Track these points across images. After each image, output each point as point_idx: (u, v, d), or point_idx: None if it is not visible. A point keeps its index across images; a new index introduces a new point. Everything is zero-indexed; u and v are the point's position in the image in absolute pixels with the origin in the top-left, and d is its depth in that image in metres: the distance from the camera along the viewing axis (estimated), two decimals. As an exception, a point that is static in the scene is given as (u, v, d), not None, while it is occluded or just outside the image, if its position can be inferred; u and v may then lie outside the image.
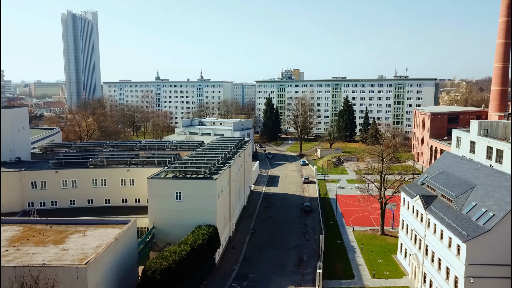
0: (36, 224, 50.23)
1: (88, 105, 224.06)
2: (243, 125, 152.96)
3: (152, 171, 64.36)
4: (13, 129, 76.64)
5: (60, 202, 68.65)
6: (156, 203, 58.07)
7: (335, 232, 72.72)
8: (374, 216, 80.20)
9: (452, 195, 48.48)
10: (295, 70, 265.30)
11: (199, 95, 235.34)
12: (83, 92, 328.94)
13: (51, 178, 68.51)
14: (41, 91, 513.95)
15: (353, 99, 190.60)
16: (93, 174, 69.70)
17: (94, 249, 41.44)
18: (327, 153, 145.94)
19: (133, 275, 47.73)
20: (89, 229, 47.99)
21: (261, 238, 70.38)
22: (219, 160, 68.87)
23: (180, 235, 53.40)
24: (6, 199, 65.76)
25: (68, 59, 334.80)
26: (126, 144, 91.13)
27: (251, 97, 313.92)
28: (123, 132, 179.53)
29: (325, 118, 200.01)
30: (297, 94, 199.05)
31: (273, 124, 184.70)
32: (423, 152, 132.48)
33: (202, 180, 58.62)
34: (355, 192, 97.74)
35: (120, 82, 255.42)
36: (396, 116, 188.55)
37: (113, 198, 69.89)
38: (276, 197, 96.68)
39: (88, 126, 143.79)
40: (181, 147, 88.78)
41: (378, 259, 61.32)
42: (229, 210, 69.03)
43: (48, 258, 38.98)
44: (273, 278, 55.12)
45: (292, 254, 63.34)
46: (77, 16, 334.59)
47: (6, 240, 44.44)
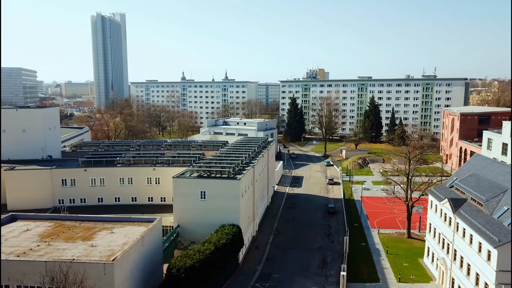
0: (66, 221, 51.84)
1: (116, 105, 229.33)
2: (267, 125, 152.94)
3: (178, 170, 65.24)
4: (45, 128, 79.22)
5: (88, 199, 70.57)
6: (181, 202, 58.84)
7: (359, 234, 71.73)
8: (400, 218, 78.62)
9: (482, 199, 46.97)
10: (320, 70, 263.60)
11: (223, 95, 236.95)
12: (111, 92, 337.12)
13: (80, 176, 70.49)
14: (72, 91, 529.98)
15: (379, 99, 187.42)
16: (120, 172, 71.27)
17: (120, 246, 42.37)
18: (352, 154, 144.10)
19: (158, 273, 48.51)
20: (116, 227, 49.13)
21: (285, 238, 70.19)
22: (243, 160, 69.13)
23: (204, 234, 53.93)
24: (38, 195, 68.17)
25: (97, 60, 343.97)
26: (152, 144, 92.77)
27: (275, 97, 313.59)
28: (149, 131, 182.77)
29: (351, 118, 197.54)
30: (322, 94, 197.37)
31: (297, 124, 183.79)
32: (452, 154, 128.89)
33: (226, 180, 58.99)
34: (380, 194, 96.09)
35: (147, 82, 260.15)
36: (423, 116, 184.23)
37: (139, 196, 71.28)
38: (299, 198, 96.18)
39: (116, 126, 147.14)
40: (205, 146, 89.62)
41: (404, 262, 60.09)
42: (253, 210, 69.19)
43: (77, 254, 40.13)
44: (297, 279, 54.87)
45: (316, 256, 62.87)
46: (106, 18, 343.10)
47: (38, 236, 46.06)
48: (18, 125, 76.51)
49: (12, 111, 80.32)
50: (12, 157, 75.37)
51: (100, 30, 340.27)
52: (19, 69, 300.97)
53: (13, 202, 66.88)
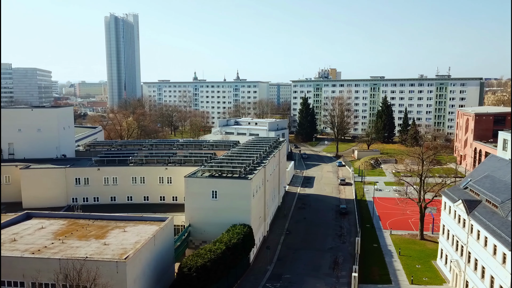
0: (80, 219, 52.51)
1: (128, 104, 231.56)
2: (278, 125, 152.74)
3: (189, 169, 65.56)
4: (59, 128, 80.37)
5: (101, 198, 71.35)
6: (193, 201, 59.12)
7: (371, 235, 71.15)
8: (413, 220, 77.78)
9: (497, 201, 46.17)
10: (332, 70, 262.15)
11: (235, 95, 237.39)
12: (124, 92, 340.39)
13: (93, 175, 71.32)
14: (85, 91, 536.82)
15: (392, 99, 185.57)
16: (133, 172, 71.91)
17: (133, 244, 42.76)
18: (365, 154, 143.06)
19: (169, 272, 48.82)
20: (128, 225, 49.61)
21: (296, 239, 70.01)
22: (254, 160, 69.15)
23: (216, 234, 54.11)
24: (52, 194, 69.18)
25: (110, 60, 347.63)
26: (164, 143, 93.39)
27: (287, 97, 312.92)
28: (162, 131, 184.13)
29: (363, 118, 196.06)
30: (334, 94, 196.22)
31: (308, 124, 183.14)
32: (466, 154, 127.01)
33: (237, 180, 59.09)
34: (393, 195, 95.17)
35: (159, 82, 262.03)
36: (437, 117, 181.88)
37: (151, 196, 71.82)
38: (311, 198, 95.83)
39: (129, 125, 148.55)
40: (217, 146, 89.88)
41: (416, 264, 59.43)
42: (264, 210, 69.17)
43: (90, 252, 40.63)
44: (308, 279, 54.69)
45: (327, 256, 62.57)
46: (119, 19, 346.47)
47: (52, 233, 46.76)
48: (33, 125, 77.75)
49: (28, 110, 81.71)
50: (28, 156, 76.66)
51: (113, 30, 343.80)
52: (34, 69, 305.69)
53: (28, 200, 68.00)
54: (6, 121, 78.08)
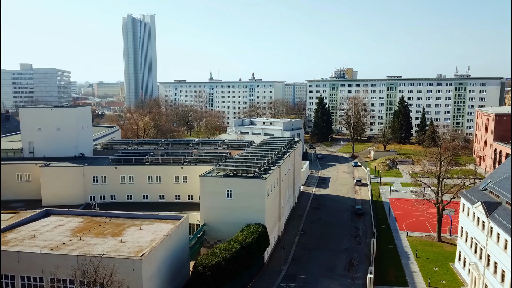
0: (97, 217, 53.28)
1: (145, 104, 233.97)
2: (293, 125, 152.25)
3: (205, 169, 65.90)
4: (77, 127, 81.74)
5: (118, 196, 72.28)
6: (208, 200, 59.41)
7: (387, 236, 70.32)
8: (430, 221, 76.56)
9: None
10: (348, 69, 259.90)
11: (250, 95, 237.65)
12: (140, 92, 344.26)
13: (110, 173, 72.31)
14: (103, 91, 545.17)
15: (409, 99, 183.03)
16: (149, 170, 72.66)
17: (148, 242, 43.19)
18: (381, 154, 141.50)
19: (184, 270, 49.14)
20: (144, 223, 50.12)
21: (311, 239, 69.68)
22: (268, 159, 69.08)
23: (230, 233, 54.24)
24: (71, 192, 70.45)
25: (127, 60, 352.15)
26: (180, 143, 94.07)
27: (302, 96, 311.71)
28: (178, 130, 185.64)
29: (379, 118, 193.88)
30: (350, 93, 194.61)
31: (324, 124, 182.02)
32: (486, 155, 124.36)
33: (252, 179, 59.12)
34: (409, 196, 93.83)
35: (175, 82, 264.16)
36: (456, 117, 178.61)
37: (167, 194, 72.43)
38: (326, 199, 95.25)
39: (145, 125, 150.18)
40: (232, 146, 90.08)
41: (434, 267, 58.47)
42: (278, 210, 69.05)
43: (107, 249, 41.18)
44: (322, 280, 54.37)
45: (342, 257, 62.10)
46: (137, 20, 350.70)
47: (70, 231, 47.59)
48: (53, 124, 79.25)
49: (47, 110, 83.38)
50: (47, 154, 78.23)
51: (130, 31, 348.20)
52: (53, 70, 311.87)
53: (47, 197, 69.40)
54: (27, 120, 79.93)
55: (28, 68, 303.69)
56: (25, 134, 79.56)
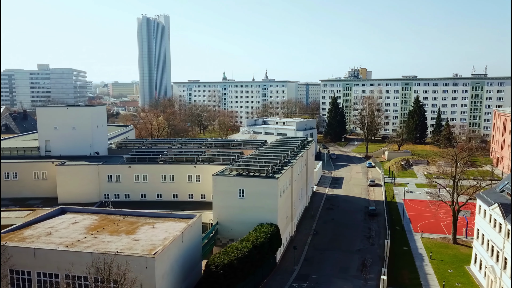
0: (111, 215, 54.00)
1: (159, 104, 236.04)
2: (307, 124, 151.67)
3: (217, 168, 66.12)
4: (93, 126, 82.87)
5: (132, 195, 73.06)
6: (220, 200, 59.59)
7: (401, 237, 69.52)
8: (445, 223, 75.43)
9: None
10: (362, 69, 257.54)
11: (263, 95, 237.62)
12: (155, 92, 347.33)
13: (125, 172, 73.12)
14: (118, 91, 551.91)
15: (424, 99, 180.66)
16: (163, 169, 73.24)
17: (161, 241, 43.55)
18: (395, 155, 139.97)
19: (197, 269, 49.40)
20: (157, 222, 50.56)
21: (323, 240, 69.32)
22: (281, 159, 68.94)
23: (242, 232, 54.31)
24: (86, 190, 71.49)
25: (142, 60, 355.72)
26: (193, 142, 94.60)
27: (316, 96, 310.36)
28: (191, 130, 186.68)
29: (394, 118, 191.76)
30: (364, 93, 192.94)
31: (338, 124, 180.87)
32: (503, 156, 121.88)
33: (264, 179, 59.08)
34: (424, 197, 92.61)
35: (189, 82, 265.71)
36: (472, 117, 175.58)
37: (180, 193, 72.91)
38: (339, 199, 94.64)
39: (159, 124, 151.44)
40: (245, 145, 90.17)
41: (449, 269, 57.58)
42: (291, 210, 68.87)
43: (121, 247, 41.67)
44: (335, 281, 54.05)
45: (355, 258, 61.62)
46: (151, 20, 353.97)
47: (85, 228, 48.30)
48: (69, 123, 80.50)
49: (63, 109, 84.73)
50: (63, 153, 79.51)
51: (145, 32, 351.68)
52: (70, 70, 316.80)
53: (63, 195, 70.57)
54: (43, 119, 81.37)
55: (45, 68, 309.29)
56: (42, 133, 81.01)
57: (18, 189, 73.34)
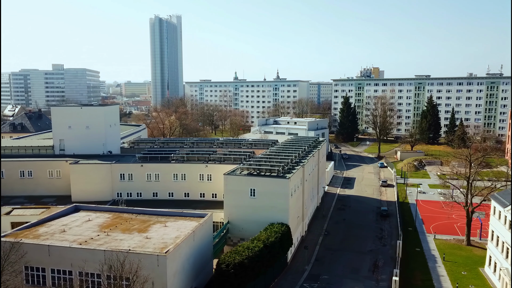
0: (124, 213, 54.57)
1: (171, 103, 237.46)
2: (318, 124, 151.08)
3: (229, 167, 66.28)
4: (106, 125, 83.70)
5: (144, 193, 73.68)
6: (232, 199, 59.74)
7: (414, 238, 68.83)
8: (459, 224, 74.45)
9: (553, 206, 43.20)
10: (374, 69, 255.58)
11: (274, 95, 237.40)
12: (167, 92, 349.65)
13: (137, 171, 73.77)
14: (130, 91, 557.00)
15: (438, 98, 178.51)
16: (174, 168, 73.69)
17: (173, 239, 43.86)
18: (408, 155, 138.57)
19: (208, 267, 49.62)
20: (169, 220, 50.94)
21: (334, 240, 69.00)
22: (292, 159, 68.82)
23: (253, 231, 54.37)
24: (99, 188, 72.31)
25: (154, 60, 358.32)
26: (205, 141, 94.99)
27: (327, 96, 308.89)
28: (203, 130, 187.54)
29: (406, 118, 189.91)
30: (377, 93, 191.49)
31: (349, 124, 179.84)
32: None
33: (275, 179, 59.04)
34: (437, 198, 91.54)
35: (201, 82, 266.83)
36: (487, 117, 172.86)
37: (191, 192, 73.30)
38: (351, 200, 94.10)
39: (171, 124, 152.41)
40: (256, 145, 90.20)
41: (462, 271, 56.82)
42: (302, 210, 68.70)
43: (133, 245, 42.09)
44: (346, 281, 53.77)
45: (367, 259, 61.21)
46: (163, 20, 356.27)
47: (98, 226, 48.90)
48: (82, 122, 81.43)
49: (77, 109, 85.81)
50: (77, 151, 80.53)
51: (157, 32, 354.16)
52: (84, 70, 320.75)
53: (76, 193, 71.49)
54: (58, 119, 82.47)
55: (60, 68, 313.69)
56: (56, 132, 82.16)
57: (33, 187, 74.58)
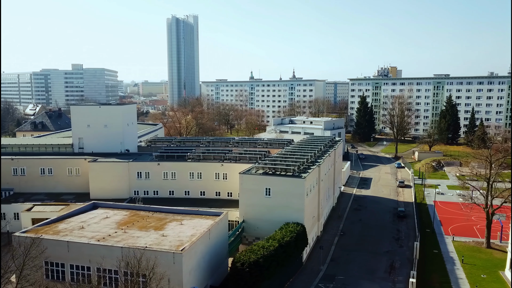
0: (140, 211, 55.29)
1: (187, 103, 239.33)
2: (334, 124, 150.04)
3: (244, 166, 66.44)
4: (123, 124, 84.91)
5: (161, 192, 74.46)
6: (247, 198, 59.86)
7: (431, 240, 67.73)
8: (479, 226, 72.94)
9: None
10: (392, 68, 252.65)
11: (290, 94, 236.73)
12: (183, 91, 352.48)
13: (154, 169, 74.61)
14: (148, 90, 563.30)
15: (457, 98, 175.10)
16: (190, 167, 74.27)
17: (189, 237, 44.21)
18: (426, 156, 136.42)
19: (223, 266, 49.87)
20: (185, 219, 51.38)
21: (350, 240, 68.44)
22: (308, 158, 68.53)
23: (269, 231, 54.36)
24: (117, 186, 73.41)
25: (171, 60, 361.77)
26: (220, 140, 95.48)
27: (344, 95, 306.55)
28: (218, 129, 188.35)
29: (425, 118, 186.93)
30: (394, 92, 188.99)
31: (366, 124, 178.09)
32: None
33: (291, 178, 58.89)
34: (456, 199, 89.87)
35: (217, 81, 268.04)
36: (509, 117, 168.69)
37: (207, 191, 73.75)
38: (367, 200, 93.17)
39: (187, 123, 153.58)
40: (271, 144, 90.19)
41: (482, 274, 55.64)
42: (318, 210, 68.38)
43: (150, 242, 42.61)
44: (362, 282, 53.27)
45: (383, 260, 60.51)
46: (180, 20, 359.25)
47: (116, 223, 49.65)
48: (101, 121, 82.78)
49: (96, 108, 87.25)
50: (95, 150, 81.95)
51: (174, 32, 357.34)
52: (102, 70, 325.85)
53: (95, 191, 72.72)
54: (77, 117, 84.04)
55: (79, 68, 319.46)
56: (76, 130, 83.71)
57: (53, 184, 76.23)
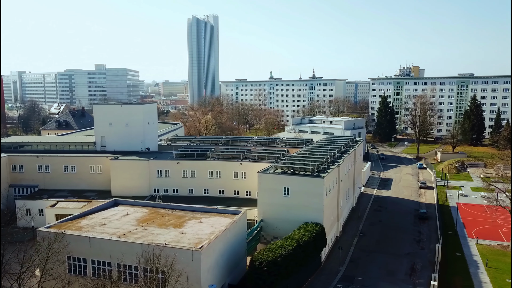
0: (160, 208, 56.03)
1: (207, 102, 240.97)
2: (355, 124, 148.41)
3: (263, 165, 66.44)
4: (144, 123, 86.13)
5: (180, 190, 75.18)
6: (265, 197, 59.81)
7: (454, 243, 66.19)
8: (504, 230, 70.85)
9: None
10: (414, 67, 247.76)
11: (310, 93, 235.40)
12: (203, 91, 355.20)
13: (174, 167, 75.43)
14: (168, 90, 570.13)
15: (482, 98, 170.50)
16: (210, 166, 74.76)
17: (207, 235, 44.50)
18: (449, 156, 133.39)
19: (241, 264, 49.98)
20: (204, 217, 51.74)
21: (370, 241, 67.56)
22: (327, 158, 67.97)
23: (287, 230, 54.17)
24: (137, 184, 74.53)
25: (191, 60, 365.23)
26: (239, 140, 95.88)
27: (365, 95, 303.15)
28: (238, 128, 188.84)
29: (448, 118, 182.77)
30: (416, 92, 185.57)
31: (387, 124, 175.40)
32: None
33: (310, 178, 58.51)
34: (480, 202, 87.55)
35: (236, 81, 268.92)
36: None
37: (226, 189, 74.08)
38: (387, 201, 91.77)
39: (207, 122, 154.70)
40: (290, 144, 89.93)
41: (507, 278, 54.00)
42: (337, 210, 67.77)
43: (169, 240, 43.08)
44: (381, 284, 52.51)
45: (404, 262, 59.48)
46: (201, 20, 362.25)
47: (136, 220, 50.42)
48: (122, 120, 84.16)
49: (118, 107, 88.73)
50: (117, 148, 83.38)
51: (195, 32, 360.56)
52: (124, 70, 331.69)
53: (116, 188, 74.04)
54: (99, 116, 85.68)
55: (102, 68, 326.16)
56: (98, 129, 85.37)
57: (76, 182, 77.98)
